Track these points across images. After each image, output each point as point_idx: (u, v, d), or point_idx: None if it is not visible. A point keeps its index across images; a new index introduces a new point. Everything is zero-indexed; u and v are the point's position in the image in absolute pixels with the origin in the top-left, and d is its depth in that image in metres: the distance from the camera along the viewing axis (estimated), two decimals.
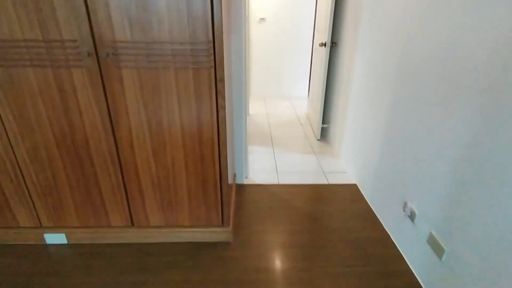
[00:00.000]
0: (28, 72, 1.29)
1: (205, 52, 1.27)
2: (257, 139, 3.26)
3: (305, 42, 4.49)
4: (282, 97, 4.83)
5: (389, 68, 1.80)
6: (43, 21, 1.20)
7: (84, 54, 1.26)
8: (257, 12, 4.29)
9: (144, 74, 1.30)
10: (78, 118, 1.39)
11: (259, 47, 4.51)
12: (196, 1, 1.18)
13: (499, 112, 1.01)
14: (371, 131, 2.08)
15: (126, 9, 1.19)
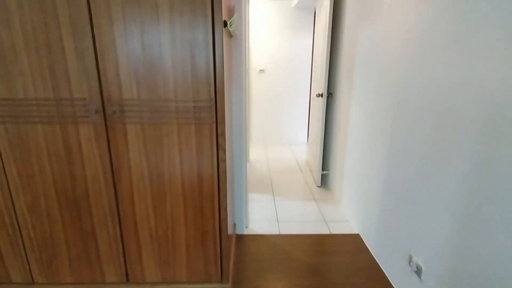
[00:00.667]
0: (37, 128, 1.34)
1: (207, 109, 1.33)
2: (257, 185, 3.25)
3: (303, 90, 4.69)
4: (282, 143, 4.91)
5: (384, 118, 1.87)
6: (56, 81, 1.28)
7: (92, 111, 1.32)
8: (257, 64, 4.55)
9: (148, 129, 1.35)
10: (80, 171, 1.41)
11: (259, 96, 4.70)
12: (200, 64, 1.27)
13: (495, 159, 1.03)
14: (370, 178, 2.09)
15: (135, 70, 1.28)
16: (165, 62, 1.27)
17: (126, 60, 1.26)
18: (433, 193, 1.37)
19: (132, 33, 1.24)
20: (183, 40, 1.25)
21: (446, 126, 1.28)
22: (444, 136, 1.29)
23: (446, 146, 1.28)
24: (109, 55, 1.26)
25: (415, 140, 1.52)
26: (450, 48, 1.25)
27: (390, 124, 1.79)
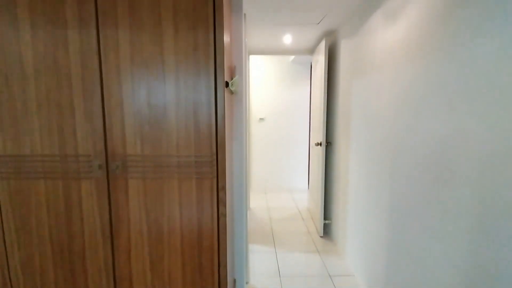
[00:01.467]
0: (39, 183, 1.36)
1: (208, 164, 1.36)
2: (258, 236, 3.16)
3: (302, 137, 4.79)
4: (282, 190, 4.87)
5: (382, 169, 1.89)
6: (63, 139, 1.33)
7: (96, 167, 1.35)
8: (257, 113, 4.70)
9: (149, 184, 1.37)
10: (78, 226, 1.40)
11: (259, 143, 4.78)
12: (202, 121, 1.33)
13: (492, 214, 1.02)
14: (374, 230, 2.04)
15: (140, 127, 1.33)
16: (169, 120, 1.33)
17: (132, 118, 1.32)
18: (438, 248, 1.34)
19: (139, 93, 1.31)
20: (187, 100, 1.32)
21: (443, 180, 1.29)
22: (442, 190, 1.30)
23: (444, 200, 1.28)
24: (116, 114, 1.32)
25: (414, 193, 1.52)
26: (438, 103, 1.31)
27: (388, 175, 1.81)
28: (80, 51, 1.29)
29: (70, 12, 1.27)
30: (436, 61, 1.35)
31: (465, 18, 1.18)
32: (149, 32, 1.29)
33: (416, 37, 1.51)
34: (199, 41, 1.30)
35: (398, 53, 1.69)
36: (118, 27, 1.28)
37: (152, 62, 1.30)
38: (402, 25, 1.65)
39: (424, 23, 1.44)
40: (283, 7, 2.22)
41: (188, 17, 1.29)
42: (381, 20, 1.90)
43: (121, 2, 1.27)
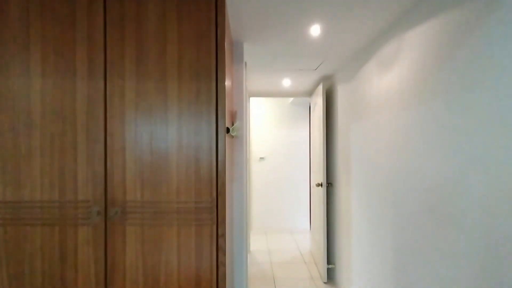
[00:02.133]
0: (36, 230, 1.33)
1: (208, 210, 1.34)
2: (258, 282, 3.01)
3: (303, 177, 4.77)
4: (283, 231, 4.74)
5: (385, 211, 1.86)
6: (64, 184, 1.33)
7: (94, 213, 1.33)
8: (257, 152, 4.74)
9: (148, 231, 1.34)
10: (72, 275, 1.34)
11: (259, 182, 4.75)
12: (203, 166, 1.34)
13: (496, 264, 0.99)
14: (379, 272, 1.96)
15: (141, 173, 1.34)
16: (170, 165, 1.34)
17: (133, 163, 1.34)
18: None
19: (142, 139, 1.34)
20: (188, 145, 1.35)
21: (446, 222, 1.27)
22: (445, 233, 1.27)
23: (448, 244, 1.25)
24: (118, 160, 1.34)
25: (418, 235, 1.48)
26: (435, 148, 1.33)
27: (391, 217, 1.78)
28: (87, 98, 1.34)
29: (80, 63, 1.34)
30: (430, 108, 1.40)
31: (454, 68, 1.24)
32: (154, 80, 1.35)
33: (409, 86, 1.57)
34: (202, 89, 1.35)
35: (393, 99, 1.75)
36: (125, 76, 1.35)
37: (155, 109, 1.35)
38: (395, 73, 1.73)
39: (416, 72, 1.52)
40: (281, 56, 2.34)
41: (191, 67, 1.36)
42: (375, 67, 2.00)
43: (129, 54, 1.35)
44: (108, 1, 1.35)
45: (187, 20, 1.36)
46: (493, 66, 1.06)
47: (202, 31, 1.36)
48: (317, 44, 2.09)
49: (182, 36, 1.36)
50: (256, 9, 1.55)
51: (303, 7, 1.53)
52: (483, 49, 1.10)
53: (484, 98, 1.09)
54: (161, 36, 1.36)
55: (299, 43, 2.07)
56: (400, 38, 1.67)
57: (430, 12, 1.41)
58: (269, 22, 1.72)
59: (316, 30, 1.84)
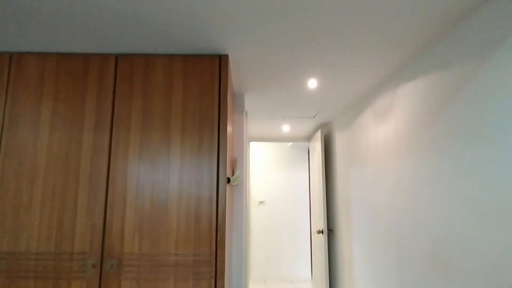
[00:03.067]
0: (29, 283, 1.29)
1: (207, 263, 1.31)
2: None
3: (303, 223, 4.67)
4: (284, 279, 4.53)
5: (389, 260, 1.80)
6: (61, 235, 1.31)
7: (89, 265, 1.30)
8: (256, 195, 4.70)
9: (143, 285, 1.30)
10: None
11: (259, 227, 4.64)
12: (203, 217, 1.34)
13: None
14: None
15: (140, 224, 1.33)
16: (170, 215, 1.34)
17: (133, 214, 1.34)
18: None
19: (143, 189, 1.36)
20: (189, 196, 1.36)
21: (449, 275, 1.23)
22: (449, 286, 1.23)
23: None
24: (118, 210, 1.34)
25: (421, 284, 1.43)
26: (434, 200, 1.34)
27: (394, 267, 1.72)
28: (92, 149, 1.38)
29: (88, 115, 1.40)
30: (426, 159, 1.43)
31: (446, 122, 1.30)
32: (158, 132, 1.40)
33: (405, 137, 1.63)
34: (204, 141, 1.40)
35: (389, 149, 1.80)
36: (131, 128, 1.40)
37: (158, 160, 1.38)
38: (390, 124, 1.79)
39: (410, 124, 1.58)
40: (281, 105, 2.44)
41: (195, 120, 1.41)
42: (371, 117, 2.08)
43: (136, 106, 1.42)
44: (120, 58, 1.46)
45: (192, 75, 1.45)
46: (483, 122, 1.11)
47: (206, 85, 1.44)
48: (315, 95, 2.20)
49: (187, 90, 1.44)
50: (257, 66, 1.66)
51: (300, 65, 1.64)
52: (471, 105, 1.17)
53: (477, 151, 1.13)
54: (167, 90, 1.43)
55: (297, 94, 2.17)
56: (394, 91, 1.76)
57: (420, 71, 1.50)
58: (268, 77, 1.83)
59: (313, 84, 1.95)
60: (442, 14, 1.15)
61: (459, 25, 1.22)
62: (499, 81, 1.04)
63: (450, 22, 1.21)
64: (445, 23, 1.22)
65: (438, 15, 1.16)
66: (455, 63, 1.26)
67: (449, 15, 1.16)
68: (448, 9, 1.11)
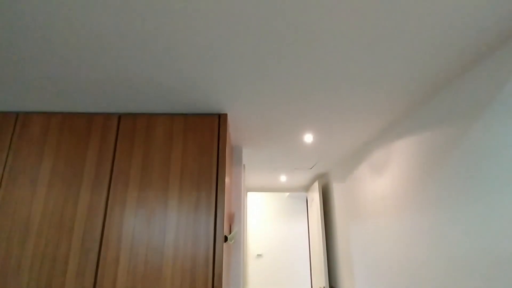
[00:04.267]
0: None
1: None
2: None
3: (304, 277, 4.43)
4: None
5: None
6: None
7: None
8: (254, 249, 4.52)
9: None
10: None
11: (256, 283, 4.38)
12: (199, 279, 1.28)
13: None
14: None
15: (132, 285, 1.26)
16: (165, 277, 1.28)
17: (125, 275, 1.28)
18: None
19: (138, 250, 1.31)
20: (185, 255, 1.31)
21: None
22: None
23: None
24: (110, 273, 1.28)
25: None
26: (432, 258, 1.30)
27: None
28: (88, 208, 1.37)
29: (87, 173, 1.41)
30: (425, 217, 1.42)
31: (441, 180, 1.32)
32: (156, 189, 1.40)
33: (402, 193, 1.63)
34: (202, 199, 1.39)
35: (388, 205, 1.79)
36: (129, 185, 1.40)
37: (154, 219, 1.36)
38: (387, 179, 1.81)
39: (406, 180, 1.60)
40: (278, 157, 2.48)
41: (193, 177, 1.42)
42: (368, 170, 2.10)
43: (135, 164, 1.44)
44: (123, 117, 1.51)
45: (192, 133, 1.50)
46: (477, 179, 1.13)
47: (205, 143, 1.48)
48: (311, 148, 2.24)
49: (186, 147, 1.47)
50: (254, 122, 1.72)
51: (296, 121, 1.71)
52: (464, 163, 1.20)
53: (473, 208, 1.13)
54: (167, 148, 1.47)
55: (294, 147, 2.22)
56: (389, 146, 1.81)
57: (414, 127, 1.57)
58: (266, 131, 1.89)
59: (309, 138, 2.01)
60: (435, 74, 1.22)
61: (450, 84, 1.29)
62: (490, 140, 1.09)
63: (442, 82, 1.29)
64: (437, 84, 1.30)
65: (432, 75, 1.23)
66: (446, 122, 1.32)
67: (442, 75, 1.24)
68: (442, 69, 1.18)
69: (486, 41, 1.01)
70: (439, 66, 1.15)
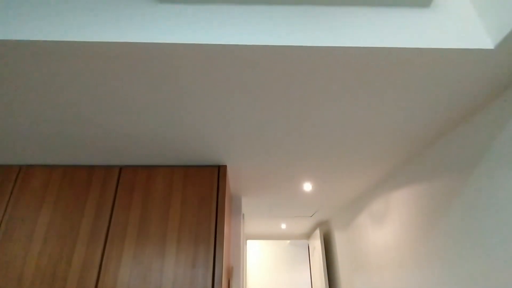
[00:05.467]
0: None
1: None
2: None
3: None
4: None
5: None
6: None
7: None
8: None
9: None
10: None
11: None
12: None
13: None
14: None
15: None
16: None
17: None
18: None
19: None
20: None
21: None
22: None
23: None
24: None
25: None
26: None
27: None
28: (83, 263, 1.33)
29: (84, 227, 1.40)
30: (430, 270, 1.38)
31: (444, 230, 1.30)
32: (153, 244, 1.37)
33: (405, 245, 1.60)
34: (200, 254, 1.36)
35: (391, 257, 1.74)
36: (125, 240, 1.38)
37: (150, 274, 1.31)
38: (388, 230, 1.78)
39: (408, 232, 1.57)
40: (278, 205, 2.46)
41: (191, 231, 1.40)
42: (368, 219, 2.07)
43: (133, 218, 1.42)
44: (123, 170, 1.53)
45: (191, 185, 1.51)
46: (478, 230, 1.11)
47: (204, 195, 1.48)
48: (311, 197, 2.23)
49: (185, 200, 1.47)
50: (253, 172, 1.74)
51: (295, 171, 1.73)
52: (464, 213, 1.19)
53: (478, 260, 1.10)
54: (166, 201, 1.46)
55: (294, 196, 2.21)
56: (388, 195, 1.81)
57: (412, 177, 1.58)
58: (265, 181, 1.90)
59: (308, 187, 2.01)
60: (432, 125, 1.24)
61: (448, 134, 1.31)
62: (490, 190, 1.09)
63: (439, 131, 1.31)
64: (434, 133, 1.32)
65: (428, 127, 1.25)
66: (445, 171, 1.33)
67: (439, 125, 1.26)
68: (439, 120, 1.20)
69: (483, 92, 1.03)
70: (437, 116, 1.18)
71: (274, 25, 0.84)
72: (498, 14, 0.82)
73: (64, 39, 0.79)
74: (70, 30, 0.80)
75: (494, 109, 1.06)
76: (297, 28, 0.84)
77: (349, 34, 0.83)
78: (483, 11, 0.86)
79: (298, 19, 0.85)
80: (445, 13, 0.88)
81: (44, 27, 0.80)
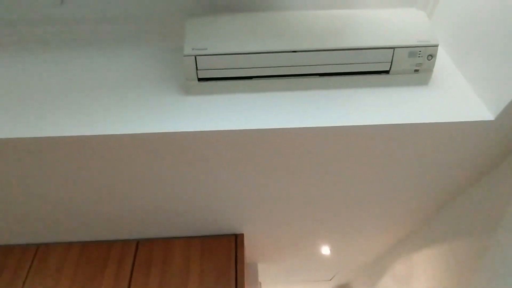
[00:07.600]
0: None
1: None
2: None
3: None
4: None
5: None
6: None
7: None
8: None
9: None
10: None
11: None
12: None
13: None
14: None
15: None
16: None
17: None
18: None
19: None
20: None
21: None
22: None
23: None
24: None
25: None
26: None
27: None
28: None
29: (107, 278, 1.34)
30: None
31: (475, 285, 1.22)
32: None
33: None
34: None
35: None
36: None
37: None
38: None
39: None
40: (295, 270, 2.35)
41: None
42: (391, 284, 1.96)
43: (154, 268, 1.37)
44: (141, 243, 1.52)
45: (208, 256, 1.48)
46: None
47: (222, 265, 1.45)
48: (329, 260, 2.15)
49: (203, 272, 1.43)
50: (270, 239, 1.71)
51: (312, 236, 1.70)
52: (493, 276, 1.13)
53: None
54: (183, 274, 1.43)
55: (311, 260, 2.13)
56: (410, 256, 1.74)
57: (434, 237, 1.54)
58: (281, 247, 1.85)
59: (326, 250, 1.95)
60: (450, 184, 1.23)
61: (466, 192, 1.29)
62: None
63: (458, 190, 1.29)
64: (453, 192, 1.30)
65: (446, 186, 1.24)
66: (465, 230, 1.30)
67: (457, 184, 1.25)
68: (457, 179, 1.20)
69: (500, 150, 1.04)
70: (454, 176, 1.17)
71: (289, 109, 0.93)
72: (493, 88, 0.89)
73: (116, 133, 0.89)
74: (121, 126, 0.90)
75: (505, 168, 1.09)
76: (310, 112, 0.92)
77: (359, 114, 0.91)
78: (478, 87, 0.94)
79: (309, 104, 0.94)
80: (443, 89, 0.96)
81: (94, 124, 0.90)
